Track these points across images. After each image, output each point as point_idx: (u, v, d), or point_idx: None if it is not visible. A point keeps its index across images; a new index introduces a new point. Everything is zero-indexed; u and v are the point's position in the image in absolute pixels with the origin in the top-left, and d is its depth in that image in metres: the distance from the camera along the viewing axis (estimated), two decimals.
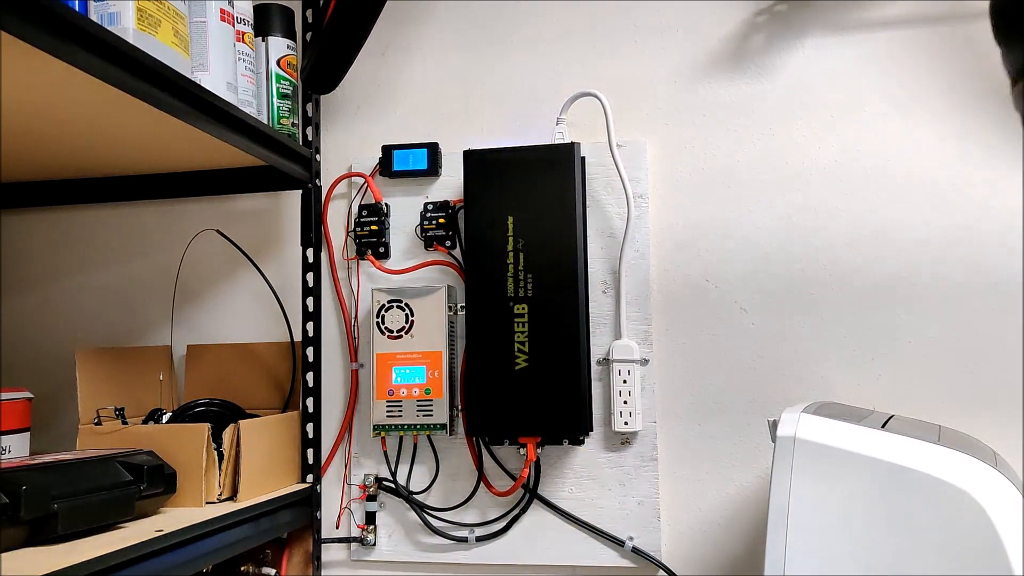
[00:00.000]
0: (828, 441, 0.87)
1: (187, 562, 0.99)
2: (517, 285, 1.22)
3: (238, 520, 1.11)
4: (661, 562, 1.24)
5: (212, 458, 1.14)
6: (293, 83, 1.29)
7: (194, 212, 1.46)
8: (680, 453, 1.27)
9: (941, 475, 0.81)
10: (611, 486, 1.26)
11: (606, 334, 1.28)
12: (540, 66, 1.36)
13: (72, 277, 1.49)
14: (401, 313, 1.30)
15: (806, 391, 1.23)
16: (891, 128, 1.24)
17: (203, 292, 1.45)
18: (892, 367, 1.22)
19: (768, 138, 1.28)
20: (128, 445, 1.12)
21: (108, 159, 1.24)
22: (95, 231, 1.49)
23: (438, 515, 1.31)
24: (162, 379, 1.36)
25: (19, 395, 1.21)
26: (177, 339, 1.42)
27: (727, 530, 1.25)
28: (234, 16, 1.18)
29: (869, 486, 0.84)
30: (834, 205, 1.25)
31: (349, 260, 1.38)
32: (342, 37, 0.98)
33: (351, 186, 1.40)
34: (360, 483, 1.34)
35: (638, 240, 1.28)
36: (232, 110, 1.09)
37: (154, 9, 0.95)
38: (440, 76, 1.40)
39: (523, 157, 1.25)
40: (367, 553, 1.33)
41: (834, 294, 1.24)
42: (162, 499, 1.08)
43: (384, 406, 1.29)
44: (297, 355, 1.34)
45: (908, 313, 1.22)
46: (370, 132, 1.41)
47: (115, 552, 0.87)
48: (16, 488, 0.88)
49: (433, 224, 1.32)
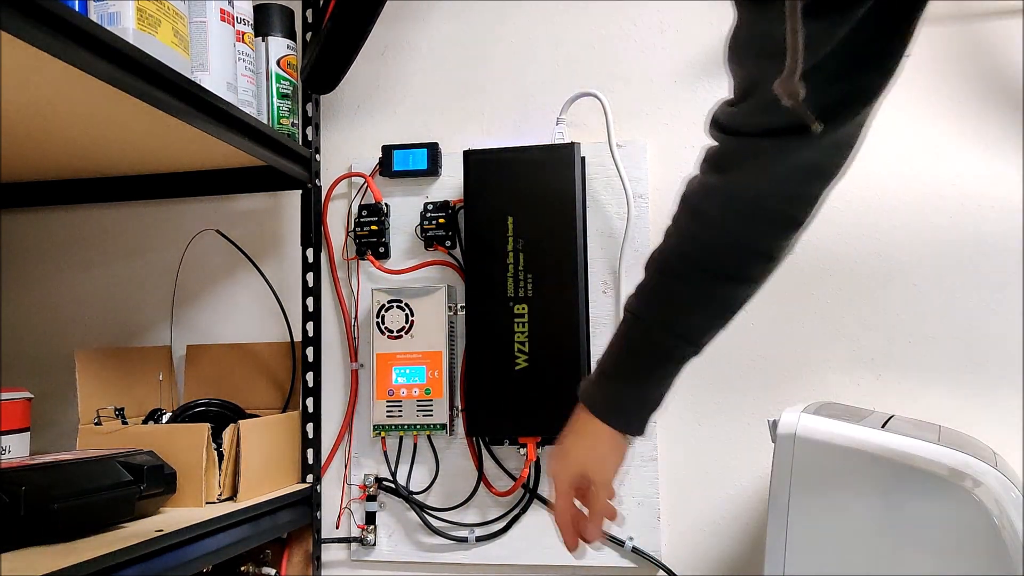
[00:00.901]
0: (828, 440, 0.87)
1: (187, 562, 0.99)
2: (517, 285, 1.22)
3: (238, 520, 1.11)
4: (661, 562, 1.24)
5: (212, 458, 1.14)
6: (293, 83, 1.29)
7: (194, 212, 1.45)
8: (680, 453, 1.27)
9: (941, 474, 0.81)
10: None
11: (606, 334, 1.28)
12: (540, 66, 1.36)
13: (72, 277, 1.49)
14: (401, 313, 1.30)
15: (806, 391, 1.23)
16: (891, 127, 1.24)
17: (203, 292, 1.45)
18: (892, 367, 1.22)
19: None
20: (128, 445, 1.12)
21: (108, 159, 1.24)
22: (95, 231, 1.49)
23: (438, 515, 1.31)
24: (162, 379, 1.36)
25: (19, 395, 1.21)
26: (177, 339, 1.42)
27: (727, 530, 1.25)
28: (234, 16, 1.18)
29: (869, 486, 0.84)
30: (834, 204, 1.25)
31: (349, 260, 1.38)
32: (342, 37, 0.98)
33: (351, 186, 1.40)
34: (360, 483, 1.34)
35: (638, 240, 1.28)
36: (232, 110, 1.09)
37: (154, 9, 0.95)
38: (440, 76, 1.40)
39: (523, 157, 1.25)
40: (367, 553, 1.33)
41: (834, 294, 1.24)
42: (162, 499, 1.08)
43: (384, 406, 1.29)
44: (297, 355, 1.34)
45: (908, 313, 1.22)
46: (370, 132, 1.41)
47: (115, 552, 0.87)
48: (16, 488, 0.88)
49: (433, 224, 1.32)
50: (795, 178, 0.72)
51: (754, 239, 0.75)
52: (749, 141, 0.71)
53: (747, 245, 0.75)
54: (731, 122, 0.73)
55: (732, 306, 0.80)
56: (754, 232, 0.75)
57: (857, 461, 0.85)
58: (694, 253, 0.76)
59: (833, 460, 0.86)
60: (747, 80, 0.70)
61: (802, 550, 0.85)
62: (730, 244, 0.75)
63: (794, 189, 0.73)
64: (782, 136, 0.69)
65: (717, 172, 0.75)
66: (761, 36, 0.65)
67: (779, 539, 0.86)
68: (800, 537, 0.85)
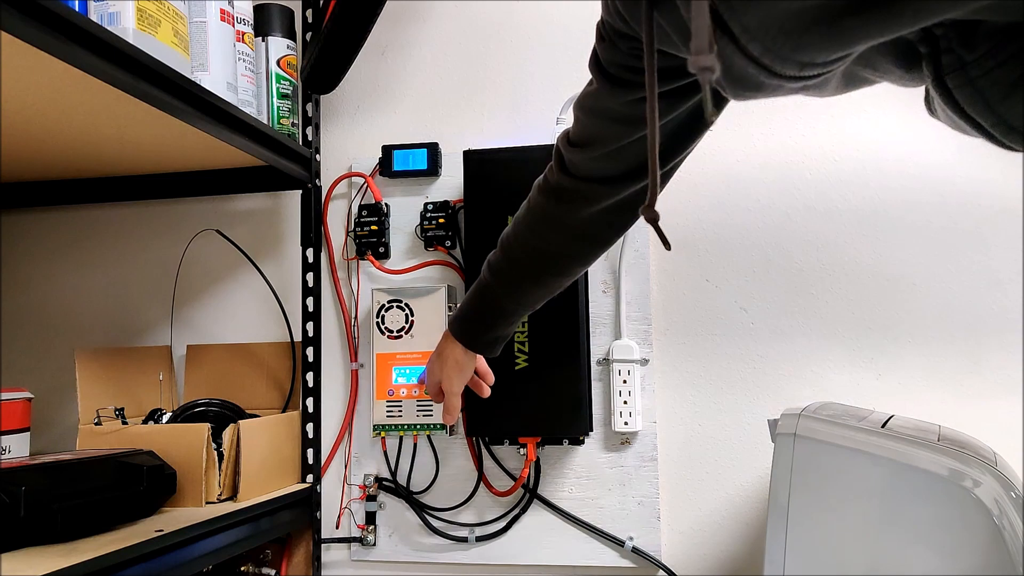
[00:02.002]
0: (828, 440, 0.87)
1: (187, 562, 0.99)
2: None
3: (238, 520, 1.11)
4: (661, 562, 1.24)
5: (212, 458, 1.14)
6: (293, 83, 1.29)
7: (194, 212, 1.46)
8: (680, 453, 1.27)
9: (941, 474, 0.81)
10: (611, 486, 1.26)
11: (606, 334, 1.28)
12: (540, 66, 1.36)
13: (72, 277, 1.49)
14: (401, 313, 1.30)
15: (806, 391, 1.24)
16: (892, 127, 1.24)
17: (203, 292, 1.45)
18: (892, 367, 1.22)
19: (768, 137, 1.28)
20: (128, 445, 1.12)
21: (108, 159, 1.24)
22: (95, 231, 1.49)
23: (438, 515, 1.31)
24: (162, 379, 1.36)
25: (19, 395, 1.21)
26: (177, 339, 1.42)
27: (727, 530, 1.25)
28: (234, 16, 1.18)
29: (869, 485, 0.84)
30: (834, 205, 1.25)
31: (349, 260, 1.38)
32: (342, 37, 0.98)
33: (351, 186, 1.40)
34: (360, 483, 1.34)
35: (638, 240, 1.28)
36: (232, 110, 1.09)
37: (154, 9, 0.95)
38: (440, 76, 1.40)
39: (523, 157, 1.25)
40: (367, 553, 1.33)
41: (834, 294, 1.24)
42: (162, 499, 1.08)
43: (384, 406, 1.29)
44: (297, 355, 1.34)
45: (908, 313, 1.22)
46: (370, 132, 1.41)
47: (115, 552, 0.87)
48: (16, 488, 0.88)
49: (433, 224, 1.32)
50: (615, 212, 0.89)
51: (578, 254, 0.96)
52: (583, 184, 0.87)
53: (572, 258, 0.96)
54: (570, 161, 0.86)
55: (556, 288, 1.00)
56: (578, 250, 0.95)
57: (857, 461, 0.85)
58: (533, 253, 0.95)
59: (833, 460, 0.86)
60: (590, 133, 0.83)
61: (802, 550, 0.85)
62: (559, 256, 0.95)
63: (613, 220, 0.91)
64: (610, 184, 0.85)
65: (555, 200, 0.90)
66: (608, 106, 0.79)
67: (779, 539, 0.86)
68: (800, 537, 0.85)
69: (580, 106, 0.83)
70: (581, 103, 0.83)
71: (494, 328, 1.03)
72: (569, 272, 0.98)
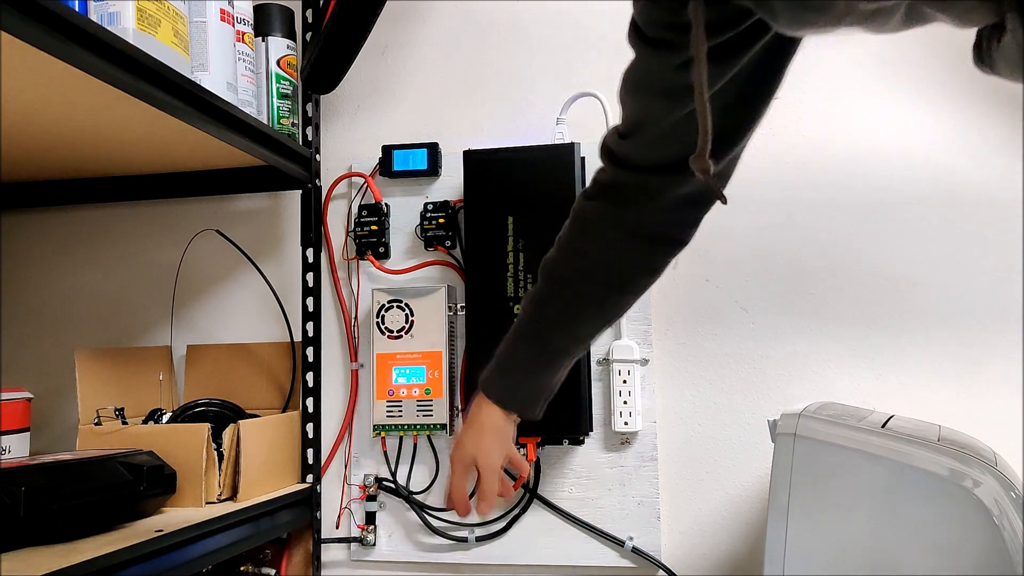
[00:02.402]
0: (828, 440, 0.87)
1: (187, 562, 0.99)
2: (517, 285, 1.22)
3: (238, 520, 1.11)
4: (661, 562, 1.24)
5: (212, 458, 1.14)
6: (293, 83, 1.29)
7: (194, 212, 1.45)
8: (680, 453, 1.27)
9: (941, 474, 0.81)
10: (611, 486, 1.26)
11: (606, 334, 1.28)
12: (540, 66, 1.36)
13: (72, 277, 1.49)
14: (401, 313, 1.30)
15: (806, 391, 1.23)
16: (893, 127, 1.24)
17: (203, 292, 1.45)
18: (892, 367, 1.22)
19: (768, 137, 1.27)
20: (128, 445, 1.12)
21: (108, 159, 1.24)
22: (95, 231, 1.49)
23: (438, 515, 1.31)
24: (162, 379, 1.36)
25: (19, 395, 1.21)
26: (177, 339, 1.42)
27: (727, 530, 1.25)
28: (234, 16, 1.18)
29: (869, 485, 0.84)
30: (835, 205, 1.25)
31: (349, 260, 1.38)
32: (342, 37, 0.98)
33: (351, 186, 1.40)
34: (360, 483, 1.34)
35: None
36: (232, 110, 1.09)
37: (154, 9, 0.95)
38: (440, 76, 1.40)
39: (523, 157, 1.25)
40: (367, 553, 1.33)
41: (834, 294, 1.24)
42: (162, 499, 1.08)
43: (384, 406, 1.29)
44: (297, 355, 1.34)
45: (908, 313, 1.22)
46: (370, 132, 1.41)
47: (115, 552, 0.87)
48: (16, 488, 0.88)
49: (433, 224, 1.32)
50: (680, 207, 0.80)
51: (642, 259, 0.84)
52: (639, 176, 0.79)
53: (636, 264, 0.84)
54: (623, 154, 0.79)
55: (618, 312, 0.88)
56: (643, 253, 0.83)
57: (857, 461, 0.85)
58: (588, 268, 0.84)
59: (833, 460, 0.86)
60: (638, 114, 0.77)
61: (802, 550, 0.85)
62: (621, 263, 0.84)
63: (679, 216, 0.82)
64: (669, 172, 0.77)
65: (609, 201, 0.82)
66: (653, 76, 0.73)
67: (779, 539, 0.86)
68: (800, 537, 0.85)
69: (624, 88, 0.78)
70: (624, 84, 0.77)
71: (538, 376, 0.89)
72: (633, 284, 0.85)
